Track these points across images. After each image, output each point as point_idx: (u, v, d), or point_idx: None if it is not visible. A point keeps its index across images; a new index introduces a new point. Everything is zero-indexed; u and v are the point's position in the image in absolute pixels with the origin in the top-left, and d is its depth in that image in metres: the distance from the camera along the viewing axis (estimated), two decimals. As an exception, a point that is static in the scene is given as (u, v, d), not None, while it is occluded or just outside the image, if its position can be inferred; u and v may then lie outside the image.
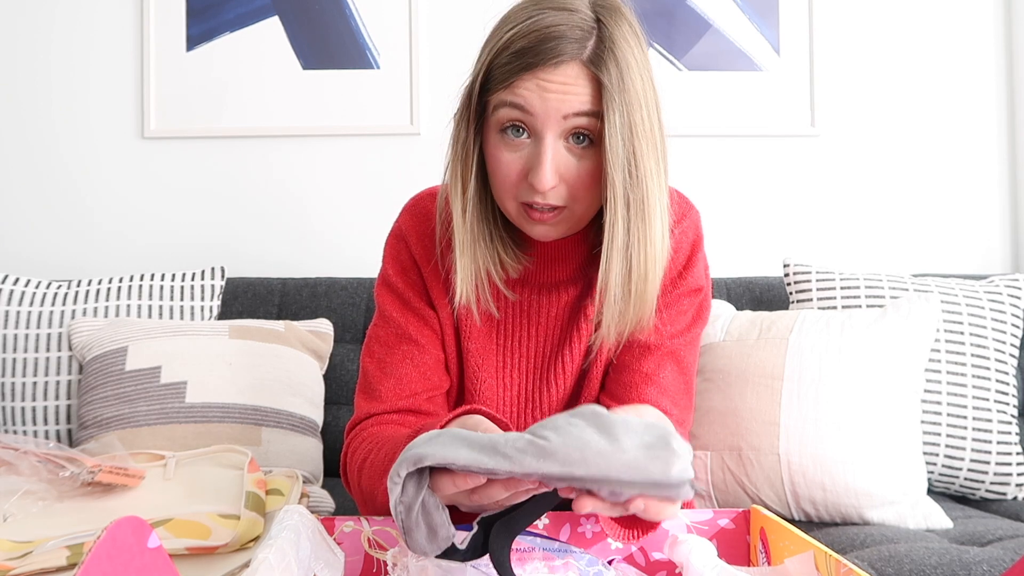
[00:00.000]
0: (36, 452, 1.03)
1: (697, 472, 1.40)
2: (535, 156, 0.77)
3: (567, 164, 0.77)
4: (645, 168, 0.76)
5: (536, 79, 0.74)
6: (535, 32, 0.75)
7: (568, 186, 0.78)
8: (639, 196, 0.76)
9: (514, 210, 0.81)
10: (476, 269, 0.83)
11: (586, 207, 0.80)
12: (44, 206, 1.93)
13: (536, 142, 0.77)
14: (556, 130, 0.76)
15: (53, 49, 1.93)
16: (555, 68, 0.74)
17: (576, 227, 0.83)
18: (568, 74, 0.74)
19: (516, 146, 0.78)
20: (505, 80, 0.76)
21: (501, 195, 0.81)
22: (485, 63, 0.78)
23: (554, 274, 0.90)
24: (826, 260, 1.89)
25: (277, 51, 1.93)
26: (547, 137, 0.76)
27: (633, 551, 0.73)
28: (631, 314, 0.80)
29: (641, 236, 0.77)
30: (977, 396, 1.47)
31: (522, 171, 0.78)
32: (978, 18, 1.96)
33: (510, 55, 0.75)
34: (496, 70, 0.77)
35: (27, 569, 0.81)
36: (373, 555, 0.70)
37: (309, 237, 1.94)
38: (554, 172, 0.76)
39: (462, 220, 0.82)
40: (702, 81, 1.94)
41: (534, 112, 0.75)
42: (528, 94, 0.75)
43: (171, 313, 1.64)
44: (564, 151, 0.77)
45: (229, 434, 1.42)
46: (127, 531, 0.47)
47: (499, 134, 0.78)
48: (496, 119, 0.78)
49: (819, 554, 0.60)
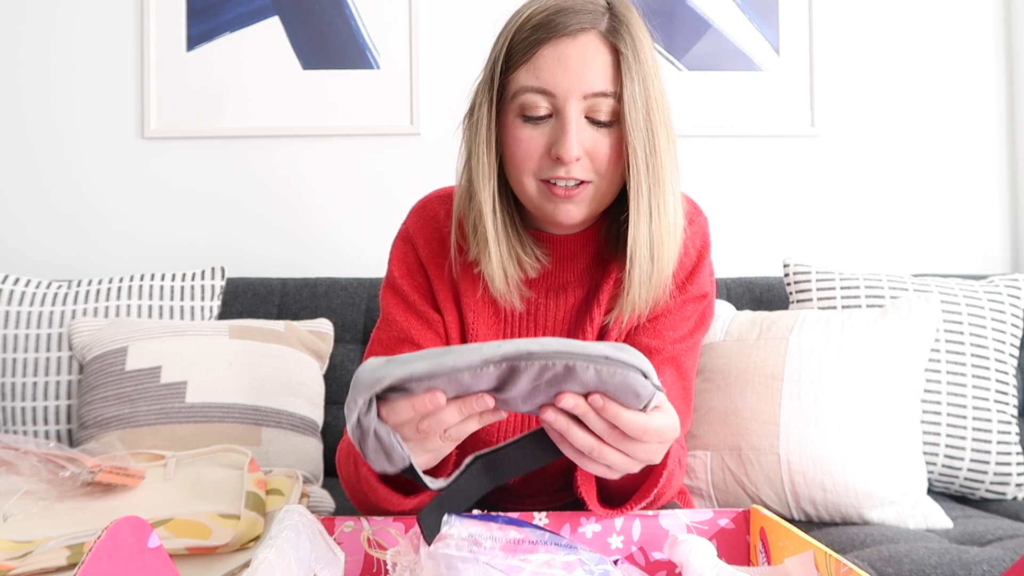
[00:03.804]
0: (36, 452, 1.03)
1: (697, 472, 1.41)
2: (559, 129, 0.78)
3: (591, 137, 0.79)
4: (659, 141, 0.79)
5: (556, 51, 0.77)
6: (553, 5, 0.78)
7: (591, 160, 0.79)
8: (655, 165, 0.79)
9: (535, 190, 0.81)
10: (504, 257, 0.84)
11: (608, 183, 0.81)
12: (44, 206, 1.93)
13: (558, 118, 0.79)
14: (578, 106, 0.78)
15: (53, 49, 1.93)
16: (574, 38, 0.77)
17: (598, 208, 0.83)
18: (587, 44, 0.77)
19: (537, 124, 0.79)
20: (526, 54, 0.78)
21: (520, 175, 0.81)
22: (505, 42, 0.81)
23: (563, 275, 0.90)
24: (826, 260, 1.89)
25: (277, 51, 1.93)
26: (570, 111, 0.77)
27: (633, 551, 0.73)
28: (655, 281, 0.82)
29: (660, 204, 0.80)
30: (977, 396, 1.47)
31: (545, 147, 0.79)
32: (978, 18, 1.96)
33: (529, 29, 0.78)
34: (516, 46, 0.79)
35: (27, 569, 0.81)
36: (373, 555, 0.70)
37: (309, 237, 1.94)
38: (579, 143, 0.78)
39: (491, 211, 0.82)
40: (702, 81, 1.94)
41: (555, 92, 0.77)
42: (549, 71, 0.77)
43: (171, 313, 1.64)
44: (586, 125, 0.79)
45: (229, 434, 1.42)
46: (127, 531, 0.47)
47: (519, 118, 0.80)
48: (518, 104, 0.80)
49: (819, 554, 0.60)
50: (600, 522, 0.73)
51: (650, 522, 0.74)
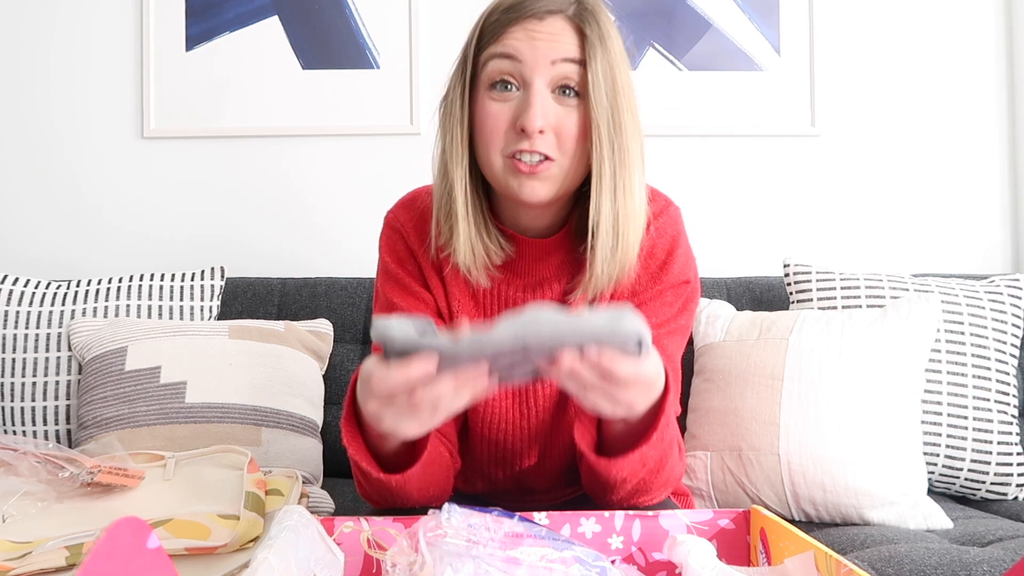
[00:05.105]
0: (35, 452, 1.03)
1: (697, 472, 1.40)
2: (524, 101, 0.80)
3: (555, 112, 0.81)
4: (625, 123, 0.81)
5: (525, 29, 0.80)
6: None
7: (556, 136, 0.81)
8: (621, 145, 0.81)
9: (500, 166, 0.82)
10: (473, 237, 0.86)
11: (572, 162, 0.82)
12: (44, 206, 1.93)
13: (525, 89, 0.81)
14: (545, 76, 0.80)
15: (53, 49, 1.93)
16: (541, 20, 0.80)
17: (563, 188, 0.84)
18: (555, 25, 0.80)
19: (505, 98, 0.81)
20: (495, 33, 0.82)
21: (488, 151, 0.83)
22: (478, 25, 0.85)
23: (538, 271, 0.91)
24: (826, 260, 1.89)
25: (277, 51, 1.93)
26: (535, 82, 0.80)
27: (633, 551, 0.73)
28: (619, 256, 0.84)
29: (625, 183, 0.82)
30: (977, 396, 1.47)
31: (511, 120, 0.81)
32: (978, 18, 1.96)
33: (500, 12, 0.82)
34: (488, 27, 0.83)
35: (27, 569, 0.81)
36: (372, 555, 0.70)
37: (309, 237, 1.94)
38: (543, 114, 0.80)
39: (461, 187, 0.84)
40: (702, 81, 1.94)
41: (523, 58, 0.80)
42: (517, 42, 0.80)
43: (171, 313, 1.64)
44: (552, 101, 0.81)
45: (229, 434, 1.42)
46: (127, 531, 0.47)
47: (488, 90, 0.82)
48: (487, 75, 0.82)
49: (819, 554, 0.60)
50: (600, 522, 0.73)
51: (650, 522, 0.74)
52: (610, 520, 0.73)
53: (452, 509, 0.65)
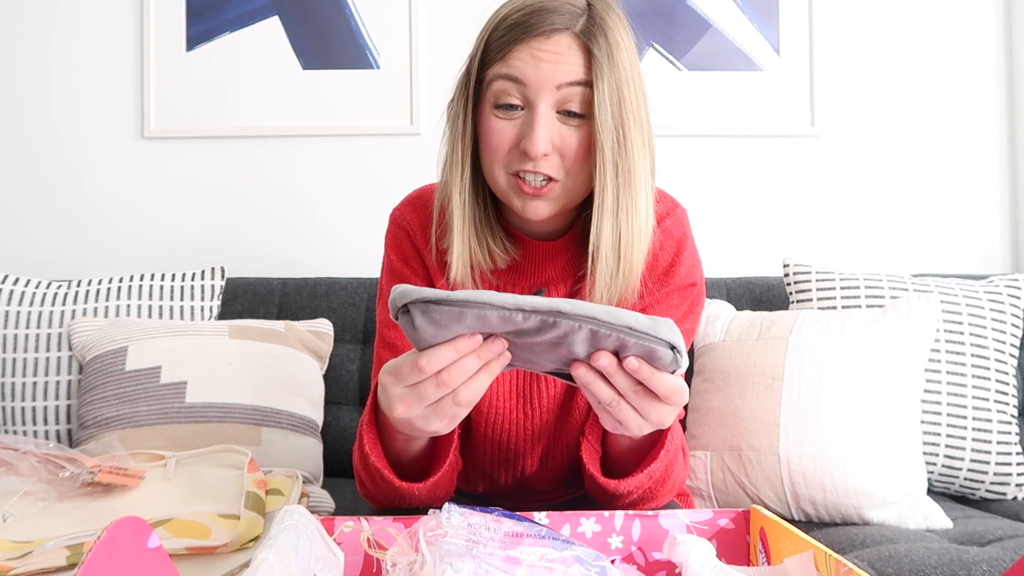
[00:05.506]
0: (36, 452, 1.03)
1: (697, 472, 1.41)
2: (528, 123, 0.79)
3: (559, 134, 0.79)
4: (632, 143, 0.79)
5: (530, 48, 0.78)
6: (530, 5, 0.79)
7: (560, 156, 0.80)
8: (627, 166, 0.79)
9: (504, 183, 0.82)
10: (470, 249, 0.85)
11: (577, 182, 0.81)
12: (44, 206, 1.93)
13: (529, 111, 0.79)
14: (549, 99, 0.78)
15: (53, 49, 1.93)
16: (548, 38, 0.77)
17: (567, 205, 0.84)
18: (560, 44, 0.78)
19: (510, 116, 0.80)
20: (501, 52, 0.79)
21: (492, 167, 0.82)
22: (483, 40, 0.82)
23: (544, 273, 0.91)
24: (826, 260, 1.89)
25: (277, 51, 1.93)
26: (540, 105, 0.78)
27: (633, 551, 0.73)
28: (620, 281, 0.82)
29: (629, 204, 0.80)
30: (977, 396, 1.47)
31: (515, 139, 0.80)
32: (978, 18, 1.96)
33: (505, 28, 0.79)
34: (493, 44, 0.80)
35: (27, 569, 0.81)
36: (373, 555, 0.70)
37: (309, 237, 1.94)
38: (547, 138, 0.78)
39: (459, 200, 0.84)
40: (702, 81, 1.94)
41: (527, 81, 0.78)
42: (522, 63, 0.78)
43: (171, 313, 1.64)
44: (556, 122, 0.79)
45: (229, 434, 1.42)
46: (127, 531, 0.47)
47: (493, 108, 0.81)
48: (491, 93, 0.80)
49: (819, 554, 0.60)
50: (600, 522, 0.73)
51: (650, 522, 0.74)
52: (610, 520, 0.73)
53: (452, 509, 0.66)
